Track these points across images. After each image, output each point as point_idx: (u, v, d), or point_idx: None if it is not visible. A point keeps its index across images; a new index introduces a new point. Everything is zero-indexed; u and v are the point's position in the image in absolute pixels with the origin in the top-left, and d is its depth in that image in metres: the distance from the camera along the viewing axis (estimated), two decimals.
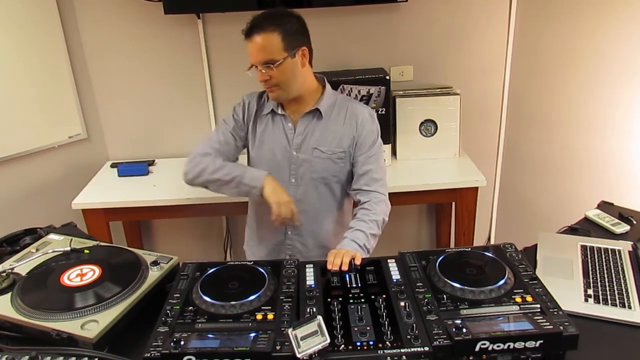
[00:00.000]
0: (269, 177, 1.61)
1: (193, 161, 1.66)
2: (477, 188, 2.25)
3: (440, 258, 1.29)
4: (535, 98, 2.59)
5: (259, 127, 1.72)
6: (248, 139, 1.74)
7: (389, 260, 1.33)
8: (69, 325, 1.11)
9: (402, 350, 1.00)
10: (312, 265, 1.32)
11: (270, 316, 1.11)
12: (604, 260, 1.43)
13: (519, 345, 1.00)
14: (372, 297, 1.18)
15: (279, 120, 1.69)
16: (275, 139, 1.70)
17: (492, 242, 2.89)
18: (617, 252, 1.46)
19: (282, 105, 1.69)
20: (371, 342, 1.03)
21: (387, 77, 2.31)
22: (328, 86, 1.70)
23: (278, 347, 1.00)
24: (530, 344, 1.00)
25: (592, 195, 1.97)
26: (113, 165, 2.52)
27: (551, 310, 1.09)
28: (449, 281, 1.19)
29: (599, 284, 1.33)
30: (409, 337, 1.03)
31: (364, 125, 1.66)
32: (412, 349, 1.00)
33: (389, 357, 0.99)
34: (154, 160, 2.57)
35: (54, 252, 1.39)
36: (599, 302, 1.26)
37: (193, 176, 1.66)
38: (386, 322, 1.09)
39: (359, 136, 1.66)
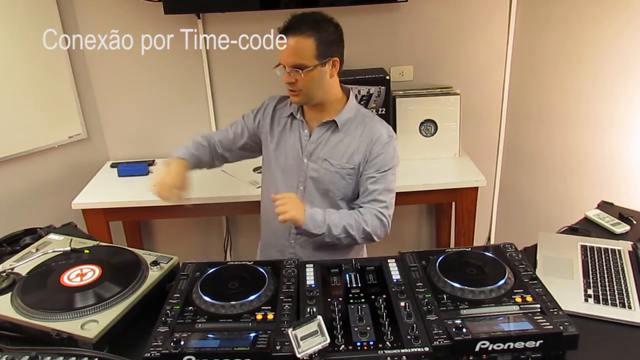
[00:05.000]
0: (175, 159, 1.64)
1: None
2: (477, 188, 2.26)
3: (440, 258, 1.29)
4: (535, 98, 2.59)
5: (277, 127, 1.69)
6: (260, 139, 1.74)
7: (389, 260, 1.33)
8: (69, 325, 1.11)
9: (402, 351, 1.00)
10: (312, 265, 1.32)
11: (270, 316, 1.11)
12: (604, 260, 1.43)
13: (519, 345, 1.00)
14: (372, 297, 1.18)
15: (297, 125, 1.67)
16: (290, 142, 1.67)
17: (492, 242, 2.89)
18: (617, 252, 1.46)
19: (303, 111, 1.67)
20: (371, 342, 1.03)
21: (387, 77, 2.31)
22: (352, 99, 1.65)
23: (278, 347, 1.00)
24: (530, 344, 1.00)
25: (592, 195, 1.97)
26: (113, 165, 2.52)
27: (551, 310, 1.09)
28: (449, 281, 1.19)
29: (599, 284, 1.33)
30: (409, 337, 1.03)
31: (378, 144, 1.59)
32: (412, 349, 1.00)
33: (389, 357, 0.99)
34: (154, 160, 2.57)
35: (54, 252, 1.39)
36: (599, 302, 1.26)
37: None
38: (386, 322, 1.09)
39: (371, 154, 1.59)
